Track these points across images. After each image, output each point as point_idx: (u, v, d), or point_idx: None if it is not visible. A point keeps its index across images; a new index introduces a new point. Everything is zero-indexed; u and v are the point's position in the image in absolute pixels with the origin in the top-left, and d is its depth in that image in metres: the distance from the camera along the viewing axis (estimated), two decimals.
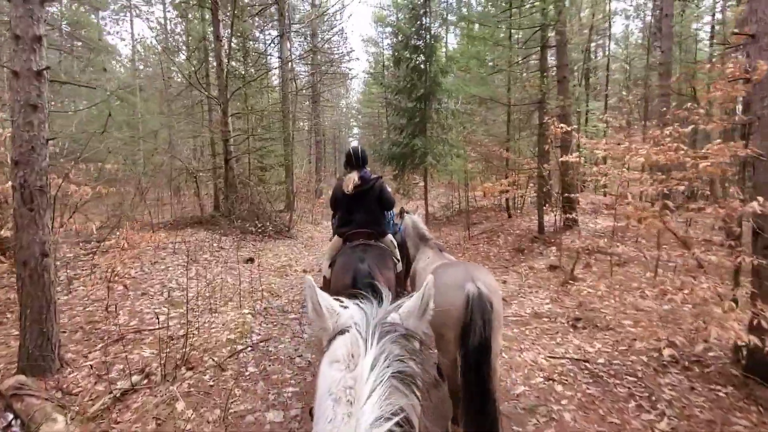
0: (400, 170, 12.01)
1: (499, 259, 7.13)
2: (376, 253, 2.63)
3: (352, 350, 0.76)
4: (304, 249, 8.74)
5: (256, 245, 8.27)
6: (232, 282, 5.84)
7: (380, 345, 0.73)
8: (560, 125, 6.93)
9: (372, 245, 2.73)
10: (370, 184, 2.95)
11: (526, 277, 5.89)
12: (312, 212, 13.58)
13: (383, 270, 2.50)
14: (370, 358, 0.71)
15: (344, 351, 0.77)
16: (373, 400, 0.65)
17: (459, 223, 11.34)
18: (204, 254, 6.92)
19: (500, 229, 9.08)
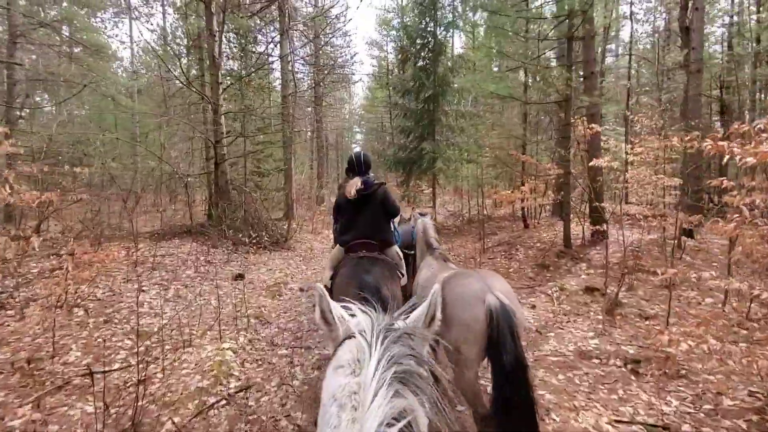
0: (406, 176, 11.24)
1: (521, 276, 6.29)
2: (382, 266, 2.50)
3: (357, 355, 0.75)
4: (302, 262, 7.92)
5: (249, 258, 7.47)
6: (216, 304, 5.03)
7: (384, 347, 0.72)
8: (590, 125, 6.13)
9: (377, 258, 2.59)
10: (373, 189, 2.81)
11: (559, 301, 5.05)
12: (312, 220, 12.78)
13: (389, 284, 2.38)
14: (374, 361, 0.69)
15: (349, 356, 0.76)
16: (377, 404, 0.64)
17: (470, 233, 10.51)
18: (188, 270, 6.12)
19: (518, 241, 8.24)
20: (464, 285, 2.06)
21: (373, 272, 2.34)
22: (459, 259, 7.79)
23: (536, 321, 4.46)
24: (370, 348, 0.73)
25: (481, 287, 1.98)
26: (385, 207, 2.86)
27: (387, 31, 27.38)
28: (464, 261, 7.66)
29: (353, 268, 2.43)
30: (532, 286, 5.76)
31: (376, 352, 0.71)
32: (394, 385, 0.66)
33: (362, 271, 2.33)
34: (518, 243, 8.09)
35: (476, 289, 1.98)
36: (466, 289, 2.03)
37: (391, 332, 0.76)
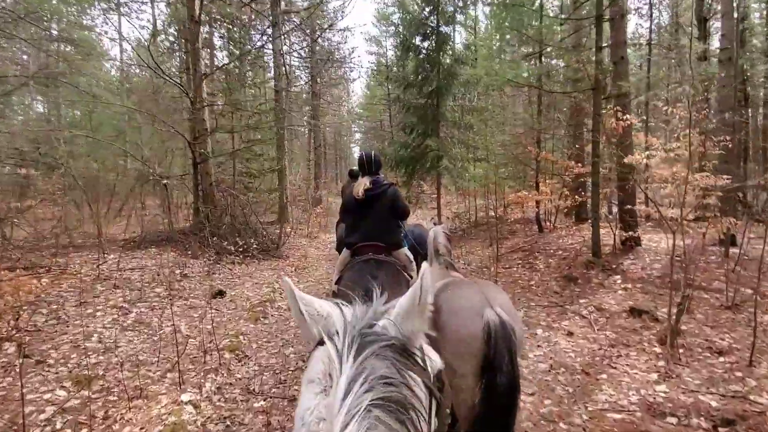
0: (409, 176, 10.39)
1: (545, 291, 5.44)
2: (388, 271, 2.41)
3: (328, 368, 0.61)
4: (294, 273, 7.06)
5: (234, 270, 6.61)
6: (186, 332, 4.18)
7: (359, 361, 0.57)
8: (624, 117, 5.29)
9: (384, 261, 2.50)
10: (382, 189, 2.72)
11: (599, 326, 4.20)
12: (308, 224, 11.92)
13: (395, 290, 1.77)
14: (345, 380, 0.55)
15: (320, 368, 0.63)
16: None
17: (478, 237, 9.67)
18: (158, 287, 5.26)
19: (535, 248, 7.39)
20: (461, 297, 1.94)
21: (378, 277, 2.19)
22: (471, 269, 6.94)
23: (578, 354, 3.61)
24: (340, 360, 0.59)
25: (480, 300, 1.83)
26: (394, 208, 2.76)
27: (386, 27, 26.57)
28: (477, 271, 6.81)
29: (357, 273, 2.33)
30: (560, 304, 4.91)
31: (347, 366, 0.57)
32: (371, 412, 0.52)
33: (366, 277, 2.18)
34: (536, 250, 7.24)
35: (475, 302, 1.85)
36: (463, 301, 1.90)
37: (369, 337, 0.62)
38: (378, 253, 2.58)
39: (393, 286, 2.19)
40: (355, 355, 0.59)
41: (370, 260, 2.48)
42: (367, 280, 2.12)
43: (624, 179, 5.97)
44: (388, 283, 2.17)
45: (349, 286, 2.18)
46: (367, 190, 2.69)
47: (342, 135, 38.53)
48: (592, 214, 5.75)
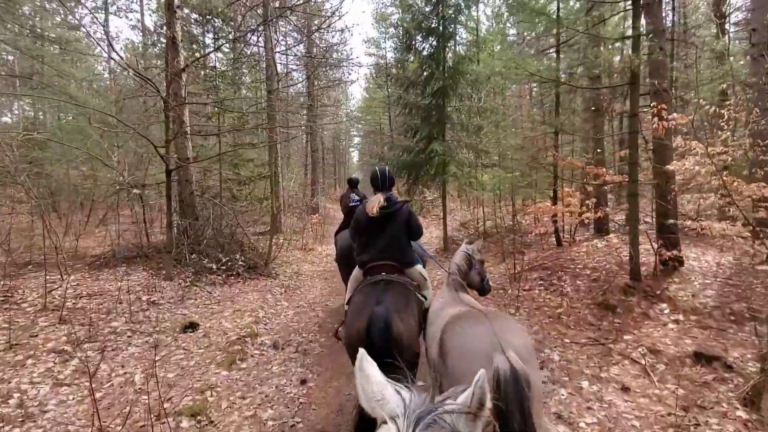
0: (412, 183, 9.55)
1: (578, 322, 4.60)
2: (398, 292, 2.33)
3: None
4: (283, 296, 6.21)
5: (214, 293, 5.74)
6: (141, 383, 3.32)
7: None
8: (669, 116, 4.47)
9: (394, 282, 2.42)
10: (396, 207, 2.66)
11: (657, 375, 3.36)
12: (302, 234, 11.08)
13: (403, 314, 2.18)
14: None
15: None
16: None
17: (488, 250, 8.82)
18: (116, 319, 4.39)
19: (557, 265, 6.55)
20: (469, 335, 1.74)
21: (385, 301, 2.18)
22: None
23: (643, 422, 2.76)
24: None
25: (491, 343, 1.61)
26: (409, 227, 2.72)
27: (385, 28, 25.90)
28: (493, 293, 5.96)
29: (365, 298, 2.31)
30: (601, 341, 4.06)
31: None
32: None
33: (373, 302, 2.19)
34: (558, 268, 6.40)
35: (484, 344, 1.63)
36: (471, 341, 1.71)
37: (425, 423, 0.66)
38: (391, 273, 2.52)
39: (401, 310, 2.19)
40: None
41: (380, 282, 2.42)
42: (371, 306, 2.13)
43: (662, 188, 5.15)
44: (394, 311, 2.13)
45: (356, 311, 2.25)
46: (382, 207, 2.62)
47: (341, 139, 37.77)
48: (630, 230, 4.91)
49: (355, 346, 2.04)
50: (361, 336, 2.05)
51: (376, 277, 2.49)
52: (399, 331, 2.08)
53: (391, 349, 1.97)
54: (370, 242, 2.67)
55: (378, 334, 2.01)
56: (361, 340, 2.03)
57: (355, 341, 2.09)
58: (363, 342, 2.01)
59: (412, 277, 2.65)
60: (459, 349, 1.75)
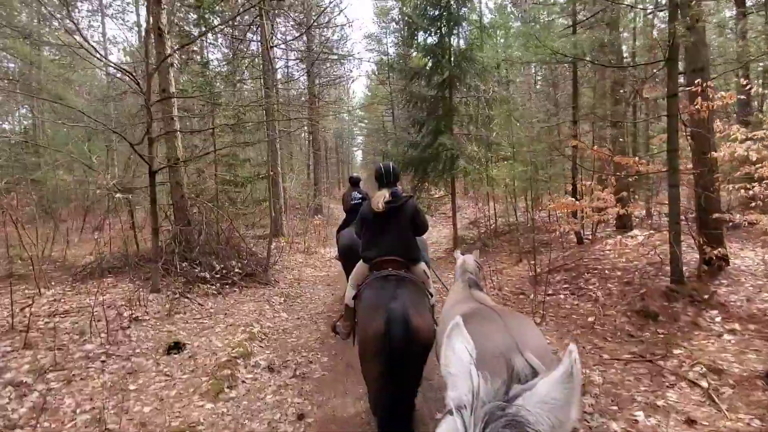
0: (419, 180, 9.00)
1: (614, 333, 4.02)
2: (410, 289, 2.34)
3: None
4: (283, 305, 5.68)
5: (206, 305, 5.24)
6: (113, 420, 2.82)
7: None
8: (714, 96, 3.90)
9: (405, 278, 2.42)
10: (402, 202, 2.65)
11: (724, 401, 2.78)
12: (305, 236, 10.56)
13: (420, 309, 2.21)
14: None
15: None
16: None
17: (501, 249, 8.26)
18: (92, 341, 3.89)
19: (581, 266, 5.97)
20: (483, 335, 1.51)
21: (400, 297, 2.17)
22: (503, 296, 5.54)
23: None
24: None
25: (505, 343, 1.48)
26: (414, 222, 2.70)
27: (386, 23, 25.33)
28: (512, 298, 5.40)
29: (378, 292, 2.30)
30: (647, 356, 3.49)
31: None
32: None
33: (388, 297, 2.17)
34: (583, 269, 5.82)
35: (498, 344, 1.48)
36: (485, 341, 1.45)
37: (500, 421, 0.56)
38: (397, 269, 2.50)
39: (417, 305, 2.20)
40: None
41: (390, 277, 2.41)
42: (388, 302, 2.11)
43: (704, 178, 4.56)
44: (410, 306, 2.13)
45: (371, 307, 2.22)
46: (388, 202, 2.61)
47: (344, 139, 37.26)
48: (670, 226, 4.33)
49: (370, 345, 2.08)
50: (380, 333, 2.02)
51: (382, 272, 2.47)
52: (418, 326, 2.08)
53: (411, 345, 2.00)
54: (377, 238, 2.64)
55: (398, 331, 2.00)
56: (381, 338, 2.01)
57: (373, 338, 2.06)
58: (382, 339, 1.99)
59: (417, 274, 2.64)
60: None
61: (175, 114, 6.43)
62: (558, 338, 4.09)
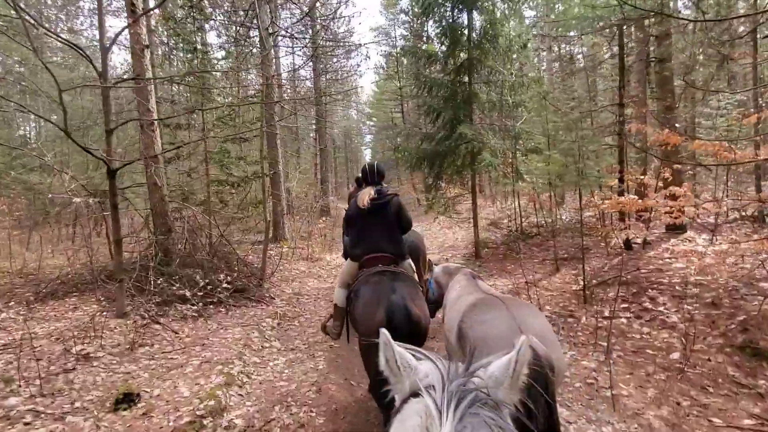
0: (434, 177, 7.96)
1: (714, 380, 2.94)
2: (407, 282, 2.42)
3: (426, 422, 0.60)
4: (275, 331, 4.71)
5: (182, 333, 4.29)
6: None
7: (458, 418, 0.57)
8: None
9: (398, 272, 2.51)
10: (387, 199, 2.72)
11: None
12: (309, 240, 9.62)
13: (417, 301, 2.29)
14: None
15: (416, 422, 0.62)
16: None
17: (531, 255, 7.17)
18: (25, 389, 2.97)
19: (639, 279, 4.86)
20: (489, 322, 1.73)
21: (399, 290, 2.23)
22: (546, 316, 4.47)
23: None
24: (440, 415, 0.58)
25: (510, 327, 1.61)
26: (399, 219, 2.75)
27: (395, 15, 24.31)
28: (559, 322, 4.33)
29: (376, 287, 2.33)
30: None
31: (448, 422, 0.57)
32: None
33: (388, 291, 2.22)
34: (644, 282, 4.72)
35: (503, 329, 1.62)
36: (491, 327, 1.69)
37: (467, 394, 0.61)
38: (386, 265, 2.56)
39: (414, 297, 2.28)
40: (455, 410, 0.58)
41: (383, 272, 2.45)
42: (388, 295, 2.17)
43: None
44: (409, 298, 2.20)
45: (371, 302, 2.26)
46: (373, 199, 2.66)
47: (352, 136, 36.33)
48: None
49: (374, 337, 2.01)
50: (384, 324, 1.96)
51: (374, 269, 2.50)
52: (419, 317, 2.16)
53: (413, 336, 2.04)
54: (363, 235, 2.70)
55: (401, 323, 2.05)
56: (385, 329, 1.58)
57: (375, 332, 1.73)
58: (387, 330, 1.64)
59: (405, 269, 2.69)
60: (478, 335, 1.72)
61: (152, 103, 5.52)
62: (635, 386, 3.03)
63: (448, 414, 0.58)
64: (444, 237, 11.22)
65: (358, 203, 2.70)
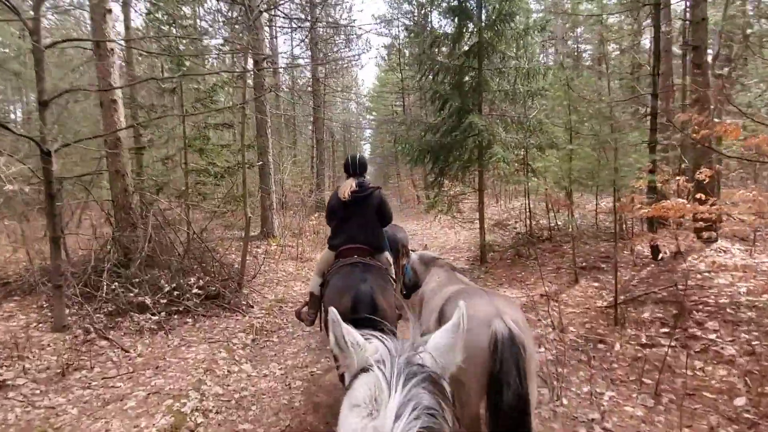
0: (438, 173, 7.23)
1: None
2: (377, 274, 2.47)
3: (374, 393, 0.65)
4: (248, 350, 3.96)
5: (132, 351, 3.55)
6: None
7: (407, 390, 0.62)
8: None
9: (371, 265, 2.55)
10: (368, 192, 2.75)
11: None
12: (299, 238, 8.88)
13: (385, 293, 2.34)
14: (395, 405, 0.60)
15: (366, 393, 0.67)
16: None
17: (547, 263, 6.45)
18: None
19: (677, 296, 4.15)
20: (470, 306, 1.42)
21: (368, 281, 2.29)
22: (570, 344, 3.77)
23: None
24: (389, 387, 0.63)
25: (490, 311, 1.76)
26: (380, 212, 2.81)
27: (398, 5, 23.41)
28: (586, 348, 3.62)
29: (346, 277, 2.40)
30: None
31: (396, 393, 0.62)
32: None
33: (357, 280, 2.29)
34: (684, 301, 4.00)
35: (484, 312, 1.76)
36: (473, 309, 1.74)
37: (413, 368, 0.67)
38: (363, 256, 2.60)
39: (382, 291, 2.30)
40: (404, 384, 0.62)
41: (356, 264, 2.51)
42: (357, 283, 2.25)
43: None
44: (377, 289, 2.26)
45: (340, 290, 2.32)
46: (354, 192, 2.70)
47: (352, 130, 35.47)
48: None
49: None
50: (347, 313, 2.07)
51: (349, 259, 2.56)
52: (383, 307, 2.20)
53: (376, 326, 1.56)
54: (343, 226, 2.75)
55: (364, 310, 2.09)
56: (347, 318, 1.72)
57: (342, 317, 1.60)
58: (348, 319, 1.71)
59: (382, 262, 2.74)
60: None
61: (114, 76, 4.75)
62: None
63: (396, 386, 0.62)
64: (445, 238, 10.50)
65: (339, 195, 2.73)
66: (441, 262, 2.81)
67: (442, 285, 2.44)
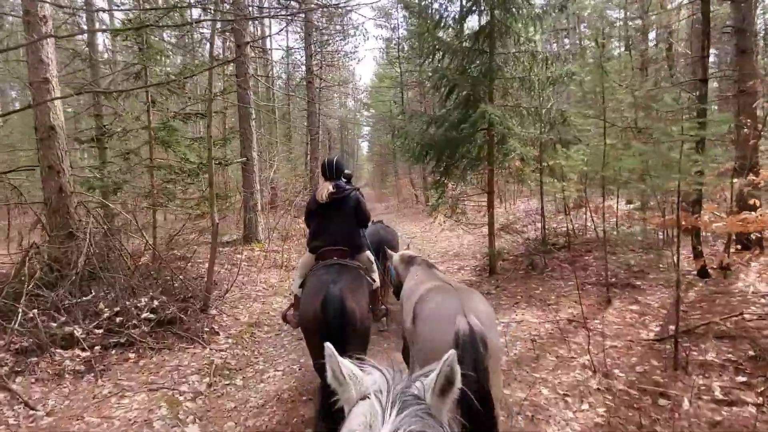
0: (443, 171, 6.35)
1: None
2: (350, 276, 2.51)
3: (370, 420, 0.68)
4: (200, 400, 3.04)
5: (46, 400, 2.66)
6: None
7: (400, 417, 0.66)
8: None
9: (347, 266, 2.60)
10: (345, 194, 2.81)
11: None
12: (284, 243, 7.98)
13: (356, 295, 2.38)
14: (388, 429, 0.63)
15: (361, 420, 0.69)
16: None
17: (562, 276, 5.59)
18: None
19: (743, 328, 3.29)
20: (438, 303, 1.95)
21: (339, 283, 2.32)
22: (619, 398, 2.89)
23: None
24: (383, 412, 0.67)
25: (455, 307, 1.80)
26: (357, 214, 2.87)
27: None
28: (639, 404, 2.74)
29: (320, 279, 2.42)
30: None
31: (390, 419, 0.65)
32: None
33: (329, 282, 2.32)
34: (756, 334, 3.14)
35: (449, 308, 1.82)
36: (439, 307, 1.91)
37: (407, 398, 0.70)
38: (342, 257, 2.65)
39: (353, 290, 2.35)
40: (398, 412, 0.66)
41: (334, 265, 2.55)
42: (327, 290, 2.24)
43: None
44: (348, 291, 2.29)
45: (311, 292, 2.37)
46: (331, 194, 2.74)
47: (349, 128, 34.51)
48: None
49: (311, 324, 2.26)
50: (317, 314, 2.16)
51: (327, 261, 2.60)
52: (352, 309, 2.22)
53: (345, 326, 2.15)
54: (321, 228, 2.80)
55: (333, 313, 2.14)
56: (317, 319, 2.15)
57: (311, 319, 2.20)
58: (319, 320, 2.14)
59: (362, 262, 2.81)
60: (427, 315, 1.90)
61: (49, 53, 3.84)
62: None
63: (391, 411, 0.65)
64: (447, 242, 9.62)
65: (317, 197, 2.79)
66: (418, 260, 2.83)
67: (418, 283, 2.42)
